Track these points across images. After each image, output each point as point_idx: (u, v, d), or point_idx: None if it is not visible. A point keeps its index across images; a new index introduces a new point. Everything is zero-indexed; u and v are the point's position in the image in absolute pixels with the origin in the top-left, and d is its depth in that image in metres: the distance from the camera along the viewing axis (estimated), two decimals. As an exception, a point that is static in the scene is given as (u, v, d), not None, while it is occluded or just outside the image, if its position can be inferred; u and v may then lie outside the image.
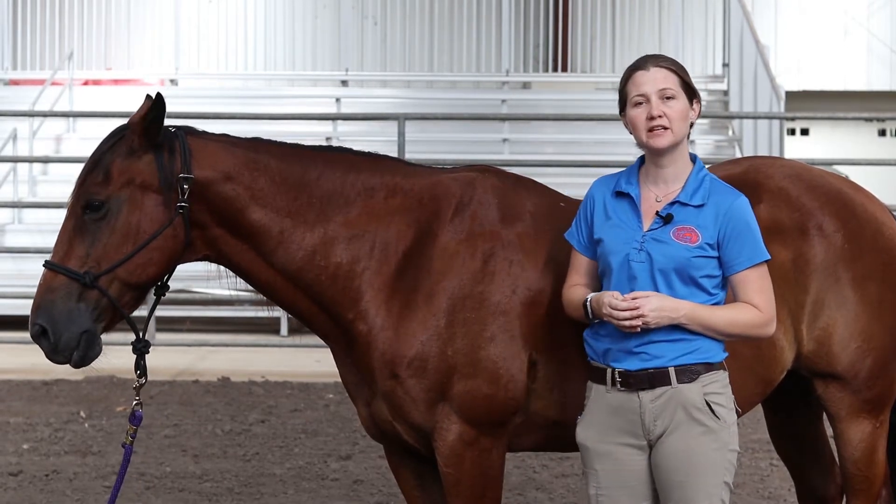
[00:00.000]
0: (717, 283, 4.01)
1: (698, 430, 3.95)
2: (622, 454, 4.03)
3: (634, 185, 4.10)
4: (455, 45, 18.75)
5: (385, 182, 4.46)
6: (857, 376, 4.48)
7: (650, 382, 3.97)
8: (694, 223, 3.99)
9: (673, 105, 4.02)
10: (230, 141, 4.41)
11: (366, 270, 4.37)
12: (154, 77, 18.09)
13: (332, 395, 10.50)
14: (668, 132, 4.01)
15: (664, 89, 4.02)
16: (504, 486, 4.47)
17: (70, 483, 7.63)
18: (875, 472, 4.62)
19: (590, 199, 4.18)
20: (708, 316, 3.95)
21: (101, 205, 4.17)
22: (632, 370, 3.98)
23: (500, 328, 4.32)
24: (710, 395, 3.97)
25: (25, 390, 10.70)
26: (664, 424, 3.96)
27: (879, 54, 21.25)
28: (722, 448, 3.97)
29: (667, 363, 3.96)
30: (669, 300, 3.93)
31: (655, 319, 3.90)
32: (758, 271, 3.99)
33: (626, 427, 4.01)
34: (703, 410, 3.95)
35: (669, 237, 3.98)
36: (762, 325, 4.00)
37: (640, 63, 4.09)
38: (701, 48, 18.80)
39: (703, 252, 3.97)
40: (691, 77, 4.11)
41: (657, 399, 3.96)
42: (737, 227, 3.98)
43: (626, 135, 4.19)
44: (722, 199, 4.02)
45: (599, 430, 4.06)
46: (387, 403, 4.38)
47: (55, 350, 4.14)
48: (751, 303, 3.98)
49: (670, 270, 3.97)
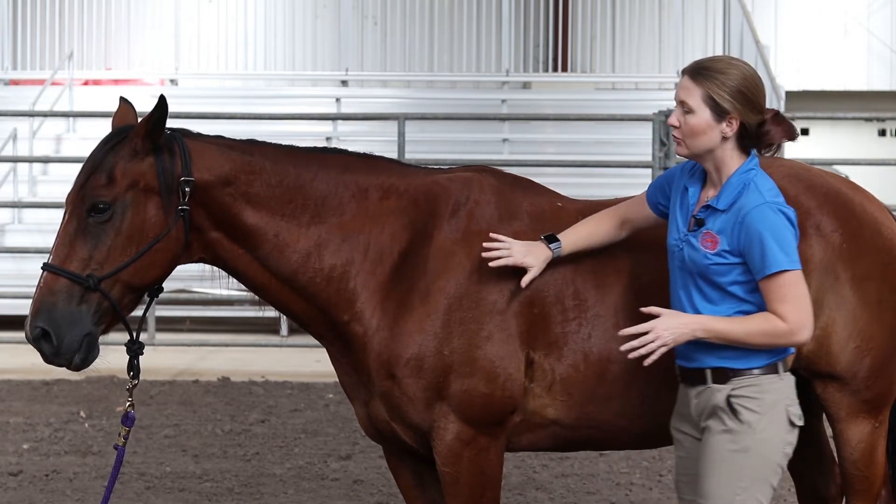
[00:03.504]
0: (749, 289, 4.01)
1: (719, 428, 4.04)
2: (689, 443, 4.19)
3: (697, 184, 4.15)
4: (455, 45, 18.74)
5: (380, 183, 4.47)
6: (856, 376, 4.48)
7: (693, 380, 4.11)
8: (717, 229, 4.01)
9: (688, 119, 4.02)
10: (226, 143, 4.41)
11: (361, 272, 4.38)
12: (154, 77, 18.10)
13: (332, 395, 10.50)
14: (682, 143, 4.05)
15: (683, 102, 4.04)
16: (504, 485, 4.47)
17: (70, 483, 7.63)
18: (874, 472, 4.61)
19: (679, 175, 4.22)
20: (724, 328, 3.98)
21: (107, 207, 4.17)
22: (682, 366, 4.14)
23: (496, 327, 4.32)
24: (737, 399, 4.02)
25: (25, 390, 10.70)
26: (704, 421, 4.09)
27: (879, 54, 21.25)
28: (741, 451, 4.00)
29: (704, 364, 4.07)
30: (680, 317, 3.99)
31: (672, 338, 3.96)
32: (778, 280, 3.94)
33: (688, 417, 4.16)
34: (725, 410, 4.02)
35: (697, 242, 4.03)
36: (787, 335, 3.98)
37: (687, 66, 4.11)
38: (701, 48, 18.78)
39: (723, 259, 3.98)
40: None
41: (699, 395, 4.10)
42: (749, 237, 3.96)
43: (626, 135, 4.22)
44: (744, 204, 3.98)
45: (675, 419, 4.24)
46: (384, 404, 4.38)
47: (57, 353, 4.13)
48: (775, 312, 3.96)
49: (696, 275, 4.04)
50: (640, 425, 4.49)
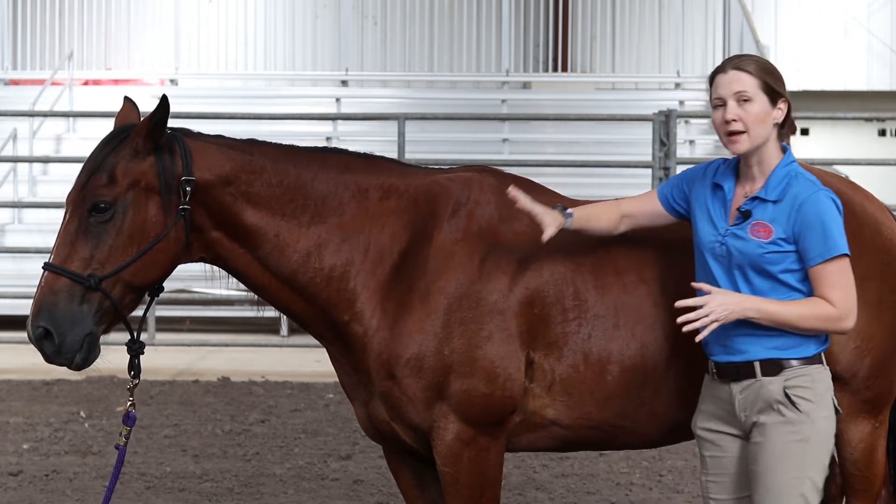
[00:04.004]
0: (800, 277, 4.05)
1: (778, 420, 4.03)
2: (723, 442, 4.16)
3: (731, 180, 4.17)
4: (455, 45, 18.74)
5: (380, 183, 4.47)
6: (856, 376, 4.48)
7: (737, 375, 4.08)
8: (769, 218, 4.04)
9: (749, 108, 4.06)
10: (226, 143, 4.42)
11: (361, 272, 4.38)
12: (154, 77, 18.11)
13: (332, 395, 10.50)
14: (744, 136, 4.07)
15: (739, 92, 4.06)
16: (504, 485, 4.47)
17: (70, 483, 7.63)
18: (874, 471, 4.61)
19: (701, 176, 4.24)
20: (776, 310, 4.00)
21: (108, 207, 4.18)
22: (722, 362, 4.10)
23: (496, 327, 4.32)
24: (792, 389, 4.04)
25: (25, 390, 10.71)
26: (752, 416, 4.07)
27: (879, 54, 21.24)
28: (803, 441, 4.03)
29: (752, 357, 4.05)
30: (733, 295, 4.00)
31: (724, 314, 3.95)
32: (832, 266, 4.00)
33: (724, 416, 4.13)
34: (784, 402, 4.03)
35: (747, 233, 4.05)
36: (837, 320, 4.02)
37: (722, 65, 4.14)
38: (701, 48, 18.80)
39: (777, 247, 4.02)
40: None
41: (744, 391, 4.08)
42: (808, 222, 4.00)
43: (626, 135, 4.24)
44: (799, 192, 4.04)
45: (704, 418, 4.20)
46: (384, 404, 4.39)
47: (58, 352, 4.14)
48: (825, 297, 4.00)
49: (746, 266, 4.04)
50: (639, 425, 4.49)
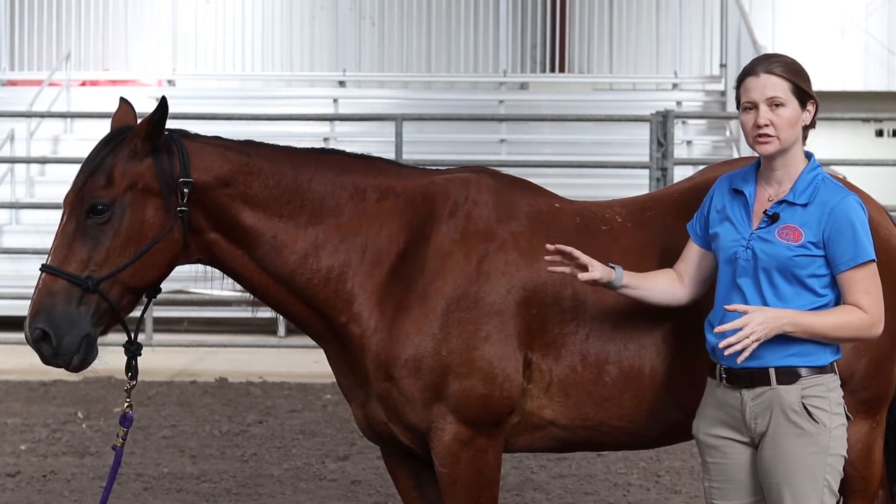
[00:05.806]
0: (825, 283, 4.03)
1: (794, 432, 4.00)
2: (729, 448, 4.12)
3: (751, 184, 4.16)
4: (452, 46, 18.74)
5: (377, 184, 4.47)
6: (854, 376, 4.48)
7: (751, 381, 4.03)
8: (798, 222, 4.03)
9: (781, 113, 4.05)
10: (224, 144, 4.42)
11: (358, 273, 4.38)
12: (151, 78, 18.10)
13: (330, 396, 10.50)
14: (773, 140, 4.05)
15: (772, 97, 4.04)
16: (502, 486, 4.48)
17: (68, 484, 7.63)
18: (872, 472, 4.61)
19: (711, 193, 4.24)
20: (812, 322, 3.97)
21: (106, 208, 4.18)
22: (734, 367, 4.03)
23: (494, 328, 4.32)
24: (808, 399, 4.01)
25: (23, 391, 10.70)
26: (764, 424, 4.03)
27: (877, 55, 21.24)
28: (821, 452, 4.00)
29: (768, 363, 4.01)
30: (771, 311, 3.96)
31: (764, 332, 3.92)
32: (863, 271, 3.99)
33: (731, 422, 4.09)
34: (800, 413, 4.00)
35: (774, 236, 4.03)
36: (868, 327, 4.01)
37: (752, 66, 4.10)
38: (699, 48, 18.80)
39: (806, 251, 4.00)
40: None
41: (757, 398, 4.03)
42: (839, 226, 4.00)
43: (624, 135, 4.25)
44: (829, 197, 4.04)
45: (709, 423, 4.15)
46: (382, 405, 4.38)
47: (56, 354, 4.14)
48: (856, 304, 3.99)
49: (773, 269, 4.02)
50: (637, 426, 4.49)
